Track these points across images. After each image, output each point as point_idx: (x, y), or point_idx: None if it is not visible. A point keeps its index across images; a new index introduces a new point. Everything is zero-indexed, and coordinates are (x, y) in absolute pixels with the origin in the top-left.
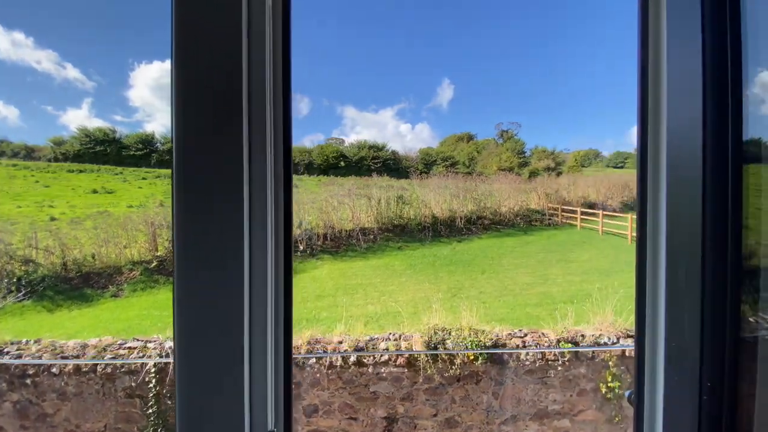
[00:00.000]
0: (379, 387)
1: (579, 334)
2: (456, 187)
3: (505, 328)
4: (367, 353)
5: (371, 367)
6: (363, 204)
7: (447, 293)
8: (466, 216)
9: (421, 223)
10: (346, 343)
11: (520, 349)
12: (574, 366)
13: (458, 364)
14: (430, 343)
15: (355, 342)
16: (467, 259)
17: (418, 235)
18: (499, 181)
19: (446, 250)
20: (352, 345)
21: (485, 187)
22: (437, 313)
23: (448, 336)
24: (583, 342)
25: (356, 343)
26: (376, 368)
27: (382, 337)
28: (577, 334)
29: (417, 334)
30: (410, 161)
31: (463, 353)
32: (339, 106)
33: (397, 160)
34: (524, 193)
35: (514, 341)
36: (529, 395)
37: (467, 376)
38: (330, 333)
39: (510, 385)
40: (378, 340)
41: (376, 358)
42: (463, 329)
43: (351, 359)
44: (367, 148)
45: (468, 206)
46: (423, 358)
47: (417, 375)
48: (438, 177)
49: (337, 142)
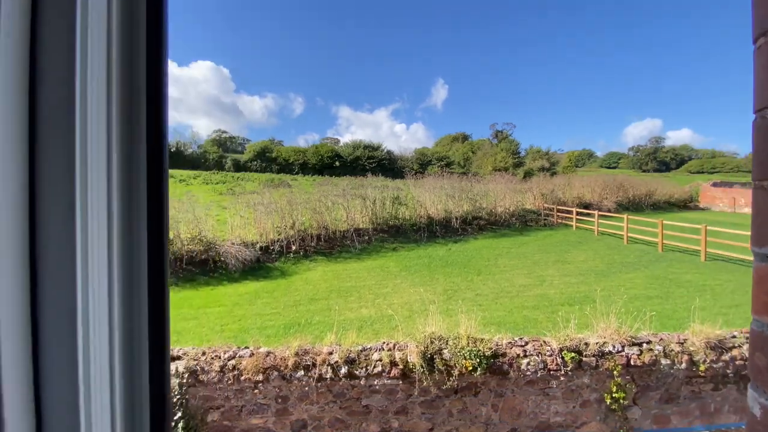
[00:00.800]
0: (371, 400)
1: (583, 342)
2: (451, 187)
3: (505, 337)
4: (359, 365)
5: (363, 379)
6: (358, 204)
7: (443, 296)
8: (462, 216)
9: (416, 224)
10: (336, 354)
11: (521, 359)
12: (577, 376)
13: (456, 375)
14: (427, 353)
15: (347, 352)
16: (463, 260)
17: (413, 236)
18: (495, 181)
19: (442, 251)
20: (344, 356)
21: (481, 187)
22: (433, 317)
23: (445, 345)
24: (586, 351)
25: (348, 354)
26: (368, 380)
27: (376, 347)
28: (581, 342)
29: (412, 344)
30: (405, 161)
31: (461, 363)
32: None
33: (393, 159)
34: (519, 194)
35: (515, 350)
36: (530, 407)
37: (465, 387)
38: (320, 342)
39: (510, 396)
40: (371, 350)
41: (369, 369)
42: (461, 338)
43: (342, 371)
44: (362, 147)
45: (464, 206)
46: (419, 369)
47: (412, 387)
48: (433, 177)
49: (332, 142)
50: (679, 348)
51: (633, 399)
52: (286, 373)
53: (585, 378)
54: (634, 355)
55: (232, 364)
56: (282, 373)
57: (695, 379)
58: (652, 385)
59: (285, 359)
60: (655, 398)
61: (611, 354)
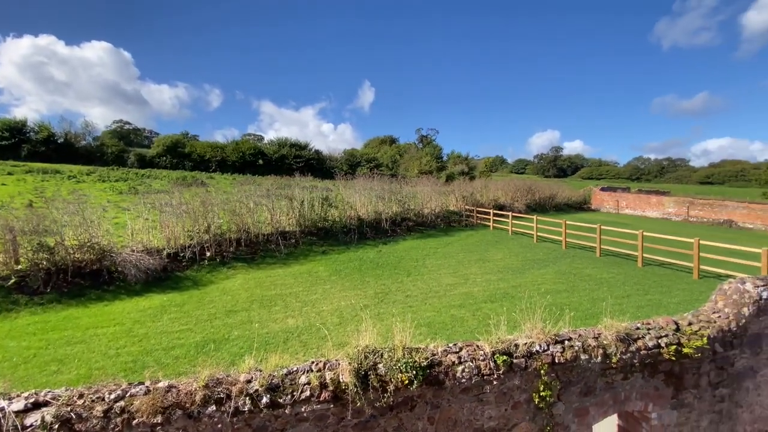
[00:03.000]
0: (298, 430)
1: (513, 343)
2: (381, 189)
3: (440, 344)
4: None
5: (289, 407)
6: (284, 205)
7: (374, 299)
8: (392, 217)
9: (346, 226)
10: (256, 381)
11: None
12: (508, 378)
13: (391, 390)
14: (360, 370)
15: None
16: (393, 261)
17: (343, 238)
18: (421, 184)
19: (372, 252)
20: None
21: (409, 189)
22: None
23: (380, 359)
24: (516, 352)
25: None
26: (294, 408)
27: (303, 368)
28: (512, 344)
29: (345, 361)
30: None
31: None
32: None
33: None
34: (443, 196)
35: (450, 357)
36: (465, 415)
37: (401, 403)
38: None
39: (446, 407)
40: (298, 372)
41: (296, 395)
42: (396, 349)
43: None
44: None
45: (393, 208)
46: (352, 389)
47: (344, 410)
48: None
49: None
50: (595, 342)
51: (558, 395)
52: (192, 410)
53: (516, 380)
54: (558, 353)
55: (121, 406)
56: (187, 411)
57: (608, 371)
58: (574, 380)
59: (191, 393)
60: (576, 392)
61: (538, 353)
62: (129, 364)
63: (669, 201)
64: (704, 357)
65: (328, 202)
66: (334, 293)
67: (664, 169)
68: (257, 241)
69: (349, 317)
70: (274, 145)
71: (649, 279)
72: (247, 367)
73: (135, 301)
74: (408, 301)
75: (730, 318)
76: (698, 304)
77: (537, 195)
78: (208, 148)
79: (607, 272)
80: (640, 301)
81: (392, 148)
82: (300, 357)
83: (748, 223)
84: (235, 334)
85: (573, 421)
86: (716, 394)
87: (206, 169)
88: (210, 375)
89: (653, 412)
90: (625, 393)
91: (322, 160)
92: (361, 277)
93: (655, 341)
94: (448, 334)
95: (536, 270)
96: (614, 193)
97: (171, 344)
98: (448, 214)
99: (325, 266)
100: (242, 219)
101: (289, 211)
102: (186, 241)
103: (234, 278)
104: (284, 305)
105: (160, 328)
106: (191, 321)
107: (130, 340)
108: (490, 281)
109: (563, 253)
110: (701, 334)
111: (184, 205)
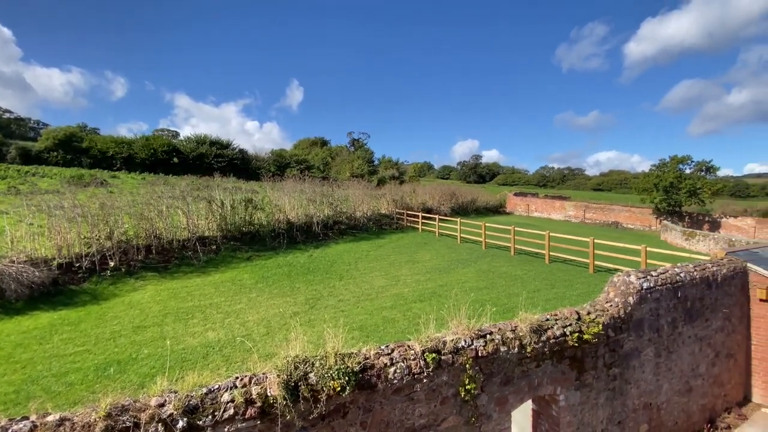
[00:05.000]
0: None
1: (441, 341)
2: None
3: (373, 347)
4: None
5: (210, 429)
6: (202, 208)
7: (305, 305)
8: (324, 221)
9: (275, 230)
10: (170, 404)
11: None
12: (437, 375)
13: (323, 399)
14: (290, 381)
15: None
16: (325, 265)
17: (271, 243)
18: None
19: (303, 257)
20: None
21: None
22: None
23: (311, 369)
24: (444, 349)
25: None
26: (217, 429)
27: (226, 385)
28: (440, 341)
29: (273, 373)
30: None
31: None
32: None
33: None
34: (375, 199)
35: (383, 360)
36: (397, 416)
37: (333, 411)
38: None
39: (378, 409)
40: (220, 390)
41: (218, 415)
42: (328, 356)
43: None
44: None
45: (325, 211)
46: (281, 402)
47: (273, 425)
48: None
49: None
50: (513, 335)
51: (481, 387)
52: None
53: (444, 376)
54: (481, 347)
55: None
56: None
57: (524, 360)
58: (495, 371)
59: (89, 426)
60: (497, 383)
61: (464, 349)
62: (10, 396)
63: (569, 205)
64: (600, 341)
65: (254, 204)
66: (261, 302)
67: (566, 177)
68: (171, 247)
69: (277, 326)
70: (192, 142)
71: (555, 275)
72: (159, 389)
73: (16, 320)
74: (340, 306)
75: (619, 306)
76: (594, 295)
77: (460, 199)
78: (111, 144)
79: (521, 269)
80: (548, 295)
81: (323, 150)
82: (222, 373)
83: (630, 224)
84: (144, 353)
85: (494, 410)
86: (610, 374)
87: (109, 167)
88: (113, 402)
89: (561, 394)
90: (538, 379)
91: (247, 160)
92: (291, 284)
93: (562, 330)
94: (380, 336)
95: (460, 269)
96: (525, 198)
97: (63, 369)
98: (379, 217)
99: (250, 273)
100: (152, 223)
101: (208, 214)
102: (83, 249)
103: (143, 290)
104: (203, 317)
105: (50, 351)
106: (89, 341)
107: (11, 368)
108: (419, 281)
109: (483, 253)
110: (597, 321)
111: (79, 207)
